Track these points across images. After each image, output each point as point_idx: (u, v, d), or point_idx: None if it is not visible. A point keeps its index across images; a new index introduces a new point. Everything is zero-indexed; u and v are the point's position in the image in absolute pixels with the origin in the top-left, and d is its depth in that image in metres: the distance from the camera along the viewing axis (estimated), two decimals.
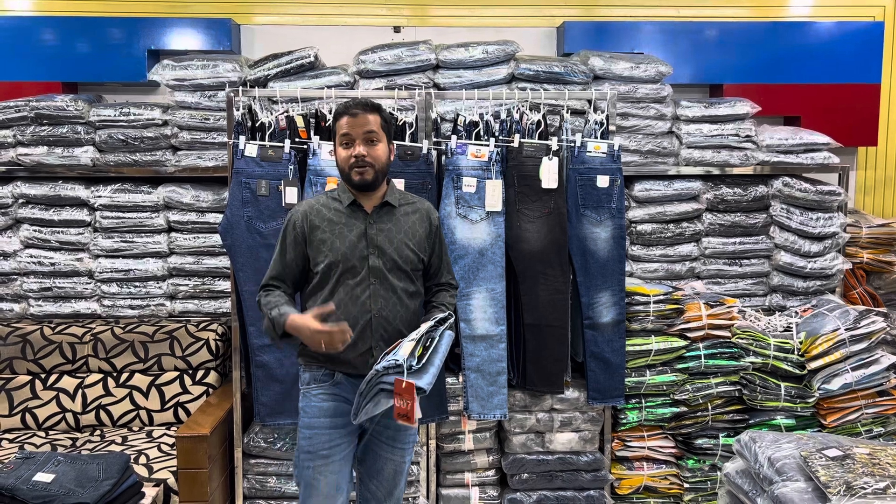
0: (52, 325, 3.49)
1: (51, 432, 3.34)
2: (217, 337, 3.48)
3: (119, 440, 3.23)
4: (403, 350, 2.17)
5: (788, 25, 4.14)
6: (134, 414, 3.38)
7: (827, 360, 3.19)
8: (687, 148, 3.66)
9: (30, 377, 3.39)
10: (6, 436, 3.29)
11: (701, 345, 3.29)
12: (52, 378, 3.40)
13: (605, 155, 3.16)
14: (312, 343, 2.22)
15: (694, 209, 3.64)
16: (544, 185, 3.10)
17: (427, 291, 2.54)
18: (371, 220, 2.39)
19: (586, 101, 3.45)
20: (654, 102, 3.64)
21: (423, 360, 2.18)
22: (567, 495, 3.21)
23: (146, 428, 3.38)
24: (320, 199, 2.47)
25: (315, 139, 3.04)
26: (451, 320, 2.37)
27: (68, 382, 3.39)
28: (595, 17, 4.17)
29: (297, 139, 3.08)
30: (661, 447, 3.31)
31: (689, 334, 3.28)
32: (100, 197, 3.56)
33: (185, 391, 3.41)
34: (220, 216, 3.33)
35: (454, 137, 3.11)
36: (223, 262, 3.59)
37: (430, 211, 2.52)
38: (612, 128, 3.24)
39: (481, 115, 3.22)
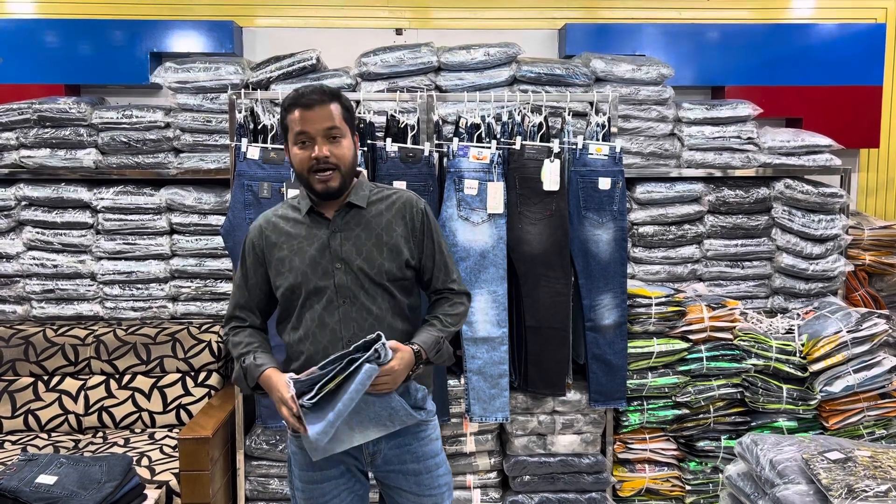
0: (55, 327, 3.50)
1: (53, 434, 3.35)
2: (219, 339, 3.48)
3: (121, 442, 3.23)
4: (304, 374, 1.87)
5: (790, 27, 4.14)
6: (136, 416, 3.38)
7: (829, 362, 3.19)
8: (688, 150, 3.67)
9: (32, 379, 3.40)
10: (9, 438, 3.30)
11: (703, 347, 3.29)
12: (55, 380, 3.40)
13: (606, 157, 3.17)
14: (277, 409, 1.92)
15: (696, 211, 3.64)
16: (546, 187, 3.10)
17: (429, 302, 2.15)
18: (334, 228, 2.00)
19: (588, 103, 3.45)
20: (656, 104, 3.64)
21: (320, 396, 1.82)
22: (569, 497, 3.21)
23: (148, 430, 3.38)
24: (279, 209, 2.10)
25: None
26: (379, 344, 1.83)
27: (71, 384, 3.40)
28: (596, 20, 4.18)
29: None
30: (662, 449, 3.31)
31: (690, 336, 3.28)
32: (102, 199, 3.57)
33: (188, 393, 3.41)
34: (223, 218, 3.34)
35: (456, 140, 3.12)
36: (225, 264, 3.60)
37: (410, 203, 2.06)
38: (613, 130, 3.24)
39: (483, 118, 3.22)
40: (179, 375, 3.44)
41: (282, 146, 3.03)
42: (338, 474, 2.04)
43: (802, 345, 3.26)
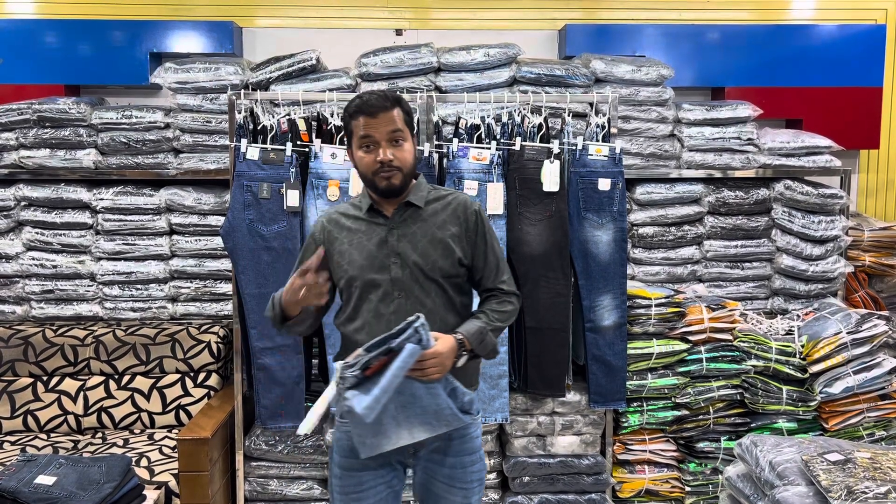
0: (54, 328, 3.50)
1: (52, 435, 3.35)
2: (219, 339, 3.48)
3: (120, 443, 3.23)
4: (351, 356, 1.91)
5: (790, 28, 4.14)
6: (135, 416, 3.38)
7: (829, 363, 3.19)
8: (688, 151, 3.67)
9: (31, 379, 3.40)
10: (8, 438, 3.30)
11: (702, 348, 3.29)
12: (54, 380, 3.40)
13: (606, 158, 3.16)
14: (292, 298, 1.97)
15: (695, 212, 3.64)
16: (546, 188, 3.10)
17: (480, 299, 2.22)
18: (392, 225, 2.10)
19: (588, 104, 3.45)
20: (656, 105, 3.64)
21: (367, 378, 1.88)
22: (568, 498, 3.21)
23: (147, 430, 3.38)
24: (341, 206, 2.22)
25: (317, 142, 3.05)
26: (419, 324, 1.89)
27: (70, 385, 3.39)
28: (597, 20, 4.18)
29: (298, 142, 3.08)
30: (662, 450, 3.31)
31: (690, 337, 3.28)
32: (102, 199, 3.57)
33: (187, 394, 3.41)
34: (222, 219, 3.33)
35: (456, 140, 3.11)
36: (225, 264, 3.60)
37: (465, 205, 2.15)
38: (613, 131, 3.24)
39: (483, 118, 3.22)
40: (179, 376, 3.43)
41: (281, 147, 3.03)
42: (377, 465, 2.10)
43: (802, 346, 3.26)
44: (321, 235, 2.16)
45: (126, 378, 3.42)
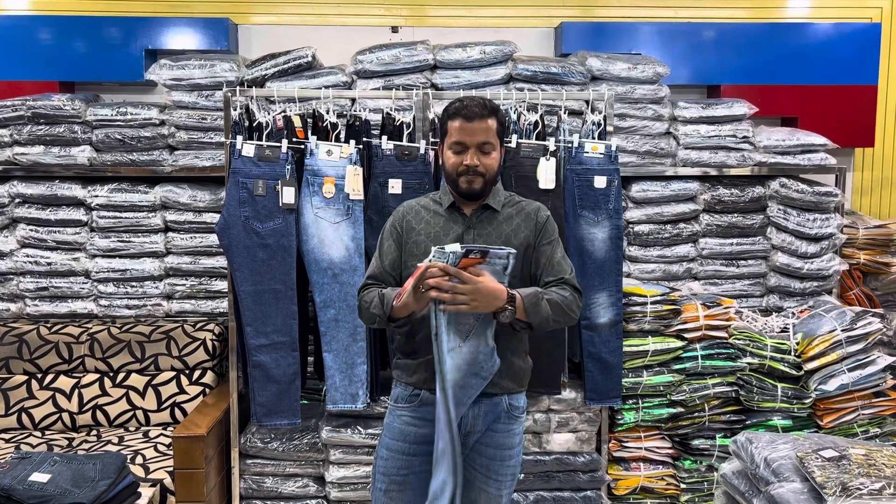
0: (49, 325, 3.49)
1: (47, 432, 3.34)
2: (214, 337, 3.47)
3: (115, 440, 3.22)
4: (448, 247, 2.02)
5: (786, 27, 4.14)
6: (130, 414, 3.37)
7: (823, 360, 3.20)
8: (684, 149, 3.67)
9: (26, 377, 3.39)
10: (2, 436, 3.29)
11: (698, 345, 3.29)
12: (49, 378, 3.39)
13: (602, 155, 3.17)
14: (416, 296, 2.03)
15: (691, 210, 3.64)
16: (542, 185, 3.10)
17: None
18: (469, 224, 2.24)
19: (584, 101, 3.45)
20: (652, 103, 3.65)
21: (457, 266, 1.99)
22: (564, 496, 3.21)
23: (143, 428, 3.37)
24: (422, 199, 2.34)
25: (312, 139, 3.04)
26: (512, 252, 2.06)
27: (65, 382, 3.38)
28: (593, 18, 4.18)
29: (294, 139, 3.08)
30: (657, 448, 3.31)
31: (686, 335, 3.28)
32: (96, 196, 3.56)
33: (182, 391, 3.40)
34: (218, 216, 3.32)
35: None
36: (220, 261, 3.59)
37: (537, 212, 2.30)
38: (609, 128, 3.24)
39: None
40: (174, 373, 3.43)
41: (276, 144, 3.02)
42: (423, 452, 2.19)
43: (797, 343, 3.27)
44: (401, 223, 2.28)
45: (121, 376, 3.41)
